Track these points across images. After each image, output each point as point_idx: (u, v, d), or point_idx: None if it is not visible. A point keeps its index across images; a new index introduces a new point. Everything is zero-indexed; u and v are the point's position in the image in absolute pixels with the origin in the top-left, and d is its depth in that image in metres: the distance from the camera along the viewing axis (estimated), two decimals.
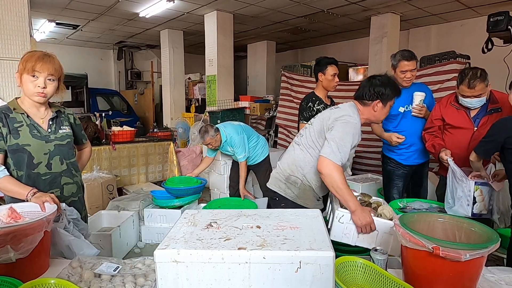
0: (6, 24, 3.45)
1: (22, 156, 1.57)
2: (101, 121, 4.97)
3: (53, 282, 1.13)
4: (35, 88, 1.55)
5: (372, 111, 1.80)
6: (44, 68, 1.55)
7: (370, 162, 4.46)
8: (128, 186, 4.64)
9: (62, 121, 1.74)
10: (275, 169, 2.08)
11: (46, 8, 6.11)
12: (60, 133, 1.69)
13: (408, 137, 2.66)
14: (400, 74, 2.63)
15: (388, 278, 1.14)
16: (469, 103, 2.25)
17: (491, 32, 3.03)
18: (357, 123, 1.77)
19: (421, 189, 2.84)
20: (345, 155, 1.69)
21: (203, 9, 6.27)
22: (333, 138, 1.70)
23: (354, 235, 1.61)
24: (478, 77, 2.14)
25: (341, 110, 1.82)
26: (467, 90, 2.19)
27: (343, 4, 5.78)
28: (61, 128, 1.70)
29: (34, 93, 1.56)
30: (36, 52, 1.59)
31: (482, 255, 1.05)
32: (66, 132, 1.72)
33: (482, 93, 2.18)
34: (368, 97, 1.78)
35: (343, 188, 1.61)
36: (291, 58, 10.09)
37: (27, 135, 1.58)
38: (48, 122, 1.66)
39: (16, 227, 1.20)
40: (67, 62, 9.38)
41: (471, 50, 4.60)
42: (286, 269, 0.94)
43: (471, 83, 2.16)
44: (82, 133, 1.90)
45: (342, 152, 1.67)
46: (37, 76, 1.54)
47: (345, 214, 1.62)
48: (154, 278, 1.20)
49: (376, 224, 1.57)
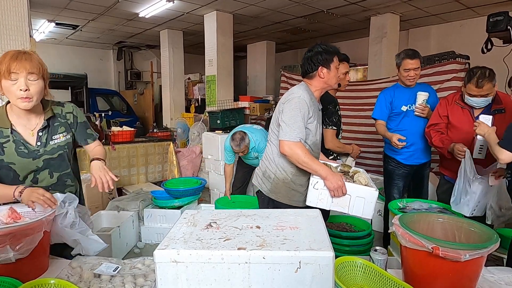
0: (6, 24, 3.45)
1: (7, 173, 1.47)
2: (100, 121, 4.97)
3: (53, 283, 1.13)
4: (17, 92, 1.35)
5: (320, 79, 1.88)
6: (21, 67, 1.34)
7: (371, 162, 4.45)
8: (127, 186, 4.64)
9: (57, 127, 1.54)
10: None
11: (46, 8, 6.11)
12: (51, 145, 1.51)
13: (410, 136, 2.66)
14: (403, 72, 2.64)
15: (388, 278, 1.14)
16: (474, 102, 2.24)
17: (490, 32, 3.03)
18: (301, 96, 1.82)
19: (422, 189, 2.84)
20: (301, 130, 1.78)
21: (203, 9, 6.27)
22: (283, 120, 1.80)
23: (328, 200, 1.73)
24: (487, 77, 2.14)
25: (286, 94, 1.92)
26: (474, 89, 2.18)
27: (343, 4, 5.78)
28: (52, 139, 1.52)
29: (17, 99, 1.37)
30: (9, 51, 1.39)
31: (481, 255, 1.05)
32: (59, 142, 1.54)
33: (489, 93, 2.18)
34: (310, 69, 1.87)
35: (308, 160, 1.73)
36: (291, 58, 10.09)
37: (12, 153, 1.44)
38: (37, 134, 1.48)
39: (16, 228, 1.20)
40: (67, 62, 9.46)
41: (470, 50, 4.60)
42: (285, 269, 0.94)
43: (479, 83, 2.15)
44: (87, 132, 1.66)
45: (297, 128, 1.76)
46: (15, 77, 1.34)
47: (319, 180, 1.74)
48: (153, 279, 1.20)
49: (349, 188, 1.70)
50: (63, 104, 1.60)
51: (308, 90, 1.88)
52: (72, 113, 1.60)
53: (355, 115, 4.70)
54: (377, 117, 2.80)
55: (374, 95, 2.91)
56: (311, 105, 1.84)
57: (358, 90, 4.76)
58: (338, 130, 2.63)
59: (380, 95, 2.83)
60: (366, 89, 4.66)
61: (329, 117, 2.51)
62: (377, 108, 2.81)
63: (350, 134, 4.69)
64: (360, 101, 4.67)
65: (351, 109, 4.72)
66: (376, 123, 2.82)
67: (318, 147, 2.01)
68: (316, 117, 1.89)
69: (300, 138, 1.76)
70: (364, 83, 5.08)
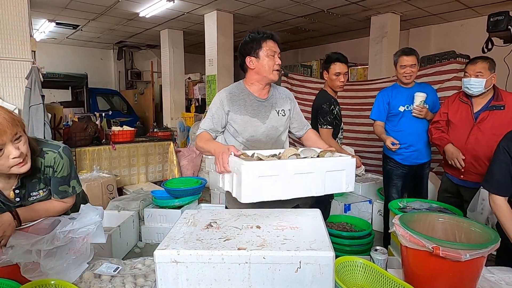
0: (6, 24, 3.46)
1: None
2: (101, 121, 4.98)
3: (53, 283, 1.13)
4: (9, 161, 1.19)
5: (251, 71, 1.80)
6: (2, 135, 1.14)
7: (370, 162, 4.46)
8: (128, 186, 4.65)
9: (35, 184, 1.38)
10: None
11: (46, 8, 6.11)
12: (30, 200, 1.39)
13: (408, 137, 2.66)
14: (400, 69, 2.64)
15: (388, 278, 1.14)
16: (467, 84, 2.28)
17: (491, 32, 3.04)
18: (221, 91, 1.83)
19: (421, 190, 2.84)
20: (210, 120, 1.76)
21: (203, 9, 6.27)
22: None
23: (225, 179, 1.46)
24: (482, 57, 2.28)
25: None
26: (469, 66, 2.29)
27: (343, 4, 5.78)
28: (31, 195, 1.38)
29: (11, 167, 1.22)
30: None
31: (482, 255, 1.05)
32: (39, 198, 1.40)
33: (482, 72, 2.23)
34: (241, 62, 1.83)
35: (202, 145, 1.66)
36: (291, 58, 10.09)
37: None
38: (14, 192, 1.34)
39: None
40: (67, 62, 9.46)
41: (471, 50, 4.60)
42: (286, 269, 0.94)
43: (474, 60, 2.29)
44: (58, 189, 1.42)
45: (207, 118, 1.78)
46: (1, 147, 1.16)
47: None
48: (154, 279, 1.21)
49: (232, 163, 1.35)
50: (44, 155, 1.36)
51: (238, 85, 1.85)
52: (52, 167, 1.38)
53: (356, 115, 4.70)
54: (375, 117, 2.81)
55: (374, 95, 2.91)
56: (233, 99, 1.78)
57: (359, 90, 4.76)
58: (338, 130, 2.62)
59: (378, 95, 2.83)
60: (366, 89, 4.66)
61: (323, 116, 2.49)
62: (374, 109, 2.81)
63: (350, 134, 4.70)
64: (360, 101, 4.67)
65: (351, 109, 4.72)
66: (374, 124, 2.82)
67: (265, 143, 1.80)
68: (249, 111, 1.78)
69: (203, 128, 1.76)
70: (364, 83, 5.08)
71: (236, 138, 1.81)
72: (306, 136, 1.96)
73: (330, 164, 1.35)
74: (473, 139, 2.27)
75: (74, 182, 1.46)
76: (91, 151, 4.35)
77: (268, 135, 1.82)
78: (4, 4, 3.43)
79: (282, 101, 1.89)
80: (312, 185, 1.30)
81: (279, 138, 1.87)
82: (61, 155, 1.38)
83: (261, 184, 1.21)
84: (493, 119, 2.22)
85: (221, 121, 1.78)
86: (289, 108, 1.90)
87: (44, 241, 1.19)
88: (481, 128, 2.25)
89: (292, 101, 1.94)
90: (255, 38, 1.77)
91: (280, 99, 1.89)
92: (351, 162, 1.38)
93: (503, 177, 1.51)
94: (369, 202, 3.72)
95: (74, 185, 1.46)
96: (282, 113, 1.86)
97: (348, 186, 1.38)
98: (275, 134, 1.85)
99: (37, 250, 1.18)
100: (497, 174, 1.53)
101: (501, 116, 2.20)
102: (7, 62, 3.50)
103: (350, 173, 1.38)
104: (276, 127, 1.84)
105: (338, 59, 2.51)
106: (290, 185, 1.26)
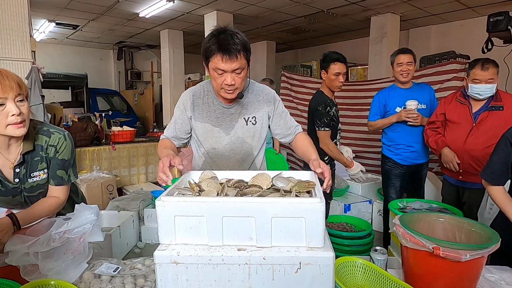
0: (6, 24, 3.45)
1: None
2: (101, 121, 4.98)
3: (53, 283, 1.13)
4: (7, 118, 1.18)
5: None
6: (7, 89, 1.16)
7: (370, 162, 4.46)
8: (128, 186, 4.65)
9: (36, 163, 1.34)
10: None
11: (46, 8, 6.11)
12: (30, 182, 1.35)
13: (405, 137, 2.67)
14: (397, 67, 2.64)
15: (388, 278, 1.14)
16: (479, 90, 2.23)
17: (491, 32, 3.04)
18: (188, 92, 1.61)
19: (420, 190, 2.84)
20: (173, 126, 1.59)
21: (203, 9, 6.27)
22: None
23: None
24: (491, 62, 2.21)
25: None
26: (480, 72, 2.20)
27: (343, 4, 5.78)
28: (31, 176, 1.34)
29: (7, 126, 1.19)
30: None
31: (482, 255, 1.05)
32: (38, 181, 1.36)
33: (493, 79, 2.20)
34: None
35: (159, 152, 1.49)
36: (291, 58, 10.09)
37: None
38: (14, 170, 1.31)
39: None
40: (67, 62, 9.46)
41: (471, 50, 4.61)
42: (286, 270, 0.94)
43: (484, 66, 2.20)
44: (56, 174, 1.38)
45: (171, 123, 1.60)
46: (3, 102, 1.17)
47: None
48: (154, 279, 1.20)
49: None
50: (50, 134, 1.35)
51: (207, 84, 1.60)
52: (55, 146, 1.35)
53: (355, 115, 4.70)
54: (373, 120, 2.81)
55: (374, 95, 2.91)
56: (197, 103, 1.55)
57: (358, 90, 4.77)
58: (335, 131, 2.61)
59: (374, 97, 2.82)
60: (366, 89, 4.66)
61: (319, 118, 2.47)
62: (372, 112, 2.81)
63: (350, 134, 4.69)
64: (360, 101, 4.67)
65: (351, 109, 4.72)
66: (373, 124, 2.81)
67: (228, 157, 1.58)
68: (211, 118, 1.54)
69: (165, 135, 1.59)
70: (364, 83, 5.08)
71: (198, 149, 1.61)
72: (294, 142, 1.66)
73: (278, 207, 0.95)
74: (472, 139, 2.27)
75: (71, 171, 1.44)
76: (91, 151, 4.35)
77: (232, 149, 1.56)
78: (4, 4, 3.43)
79: (255, 105, 1.57)
80: (252, 233, 0.98)
81: (249, 153, 1.59)
82: (65, 138, 1.38)
83: (180, 225, 0.99)
84: (493, 120, 2.22)
85: (185, 127, 1.58)
86: (265, 113, 1.59)
87: (40, 243, 1.18)
88: (480, 128, 2.25)
89: (272, 103, 1.60)
90: (206, 47, 1.44)
91: (253, 103, 1.57)
92: (315, 208, 0.94)
93: (500, 166, 1.51)
94: (369, 202, 3.72)
95: (70, 174, 1.44)
96: (253, 121, 1.56)
97: (312, 240, 0.96)
98: (241, 148, 1.57)
99: (34, 252, 1.18)
100: (495, 163, 1.53)
101: (500, 117, 2.20)
102: (7, 62, 3.50)
103: (313, 222, 0.95)
104: (243, 139, 1.56)
105: (338, 59, 2.47)
106: (219, 230, 0.98)
